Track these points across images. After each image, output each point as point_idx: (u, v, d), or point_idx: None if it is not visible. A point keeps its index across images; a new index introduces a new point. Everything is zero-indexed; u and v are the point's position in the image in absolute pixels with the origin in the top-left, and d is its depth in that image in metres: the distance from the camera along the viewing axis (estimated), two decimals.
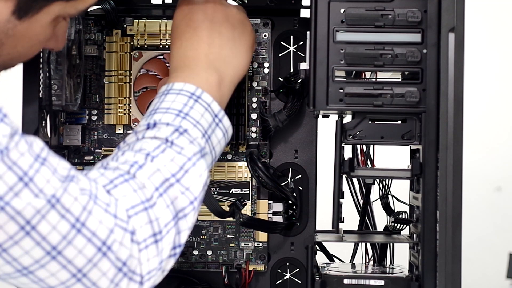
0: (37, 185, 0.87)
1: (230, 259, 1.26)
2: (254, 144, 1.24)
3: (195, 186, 0.99)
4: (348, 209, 1.21)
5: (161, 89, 1.07)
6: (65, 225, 0.89)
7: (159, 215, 0.95)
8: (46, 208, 0.87)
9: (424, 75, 1.11)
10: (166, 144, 1.00)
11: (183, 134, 1.01)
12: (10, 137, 0.86)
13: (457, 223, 1.09)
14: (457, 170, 1.08)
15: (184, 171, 0.99)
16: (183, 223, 0.98)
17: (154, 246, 0.95)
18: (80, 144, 1.26)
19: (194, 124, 1.02)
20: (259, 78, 1.25)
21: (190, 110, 1.03)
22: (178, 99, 1.04)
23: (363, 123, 1.13)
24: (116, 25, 1.26)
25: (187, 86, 1.05)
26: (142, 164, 0.97)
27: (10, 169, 0.86)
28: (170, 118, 1.02)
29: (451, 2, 1.09)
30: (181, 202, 0.98)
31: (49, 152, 0.90)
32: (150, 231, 0.95)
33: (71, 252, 0.89)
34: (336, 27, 1.12)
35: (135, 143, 1.01)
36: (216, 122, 1.05)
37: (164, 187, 0.97)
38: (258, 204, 1.25)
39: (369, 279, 1.16)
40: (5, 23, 0.97)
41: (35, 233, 0.87)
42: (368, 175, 1.20)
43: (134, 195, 0.95)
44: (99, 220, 0.91)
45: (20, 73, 1.16)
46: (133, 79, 1.24)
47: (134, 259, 0.93)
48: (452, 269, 1.08)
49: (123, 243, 0.92)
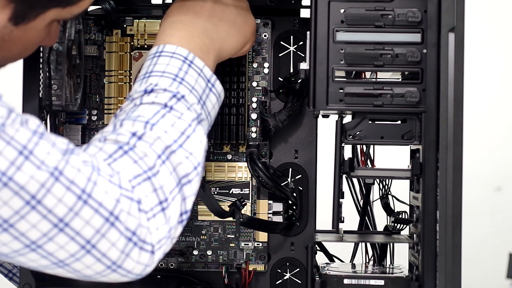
0: (38, 157, 0.87)
1: (230, 259, 1.26)
2: (254, 144, 1.24)
3: (197, 151, 0.99)
4: (348, 209, 1.21)
5: (152, 50, 1.06)
6: (71, 197, 0.88)
7: (163, 183, 0.95)
8: (50, 181, 0.87)
9: (424, 75, 1.11)
10: (165, 109, 1.00)
11: (181, 100, 1.01)
12: (6, 115, 0.86)
13: (457, 223, 1.09)
14: (457, 170, 1.08)
15: (186, 137, 0.99)
16: (188, 189, 0.98)
17: (162, 214, 0.94)
18: (80, 144, 1.26)
19: (190, 89, 1.03)
20: (259, 78, 1.25)
21: (185, 75, 1.03)
22: (172, 62, 1.03)
23: (363, 123, 1.13)
24: (116, 25, 1.26)
25: (179, 49, 1.05)
26: (142, 133, 0.97)
27: (9, 144, 0.86)
28: (167, 82, 1.02)
29: (451, 2, 1.09)
30: (185, 167, 0.97)
31: (45, 129, 0.90)
32: (156, 200, 0.94)
33: (79, 223, 0.89)
34: (336, 27, 1.12)
35: (132, 109, 1.00)
36: (209, 87, 1.06)
37: (167, 154, 0.96)
38: (258, 204, 1.25)
39: (369, 279, 1.16)
40: (1, 29, 0.97)
41: (41, 206, 0.87)
42: (368, 175, 1.20)
43: (135, 165, 0.94)
44: (104, 191, 0.90)
45: (20, 73, 1.16)
46: (133, 79, 1.24)
47: (143, 228, 0.93)
48: (452, 269, 1.08)
49: (130, 212, 0.92)
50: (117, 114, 1.02)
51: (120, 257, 0.92)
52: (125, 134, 0.97)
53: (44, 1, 0.97)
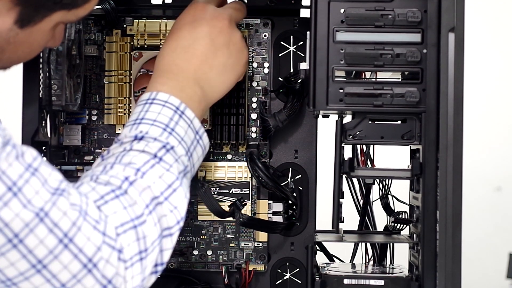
0: (26, 195, 0.87)
1: (230, 259, 1.26)
2: (254, 144, 1.24)
3: (181, 205, 1.00)
4: (348, 209, 1.21)
5: (144, 96, 1.06)
6: (52, 239, 0.88)
7: (147, 233, 0.96)
8: (35, 222, 0.87)
9: (424, 75, 1.11)
10: (155, 159, 1.00)
11: (170, 151, 1.02)
12: (1, 147, 0.86)
13: (457, 223, 1.09)
14: (457, 170, 1.08)
15: (173, 190, 0.99)
16: (168, 242, 0.99)
17: (139, 263, 0.95)
18: (80, 144, 1.26)
19: (179, 141, 1.03)
20: (259, 78, 1.25)
21: (175, 126, 1.04)
22: (163, 111, 1.04)
23: (363, 123, 1.13)
24: (116, 25, 1.26)
25: (172, 98, 1.05)
26: (133, 180, 0.97)
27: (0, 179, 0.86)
28: (157, 132, 1.02)
29: (451, 2, 1.09)
30: (168, 220, 0.98)
31: (41, 162, 0.90)
32: (137, 249, 0.95)
33: (57, 266, 0.89)
34: (336, 27, 1.12)
35: (122, 154, 1.00)
36: (197, 139, 1.06)
37: (153, 205, 0.97)
38: (258, 204, 1.25)
39: (369, 279, 1.16)
40: (7, 31, 0.97)
41: (22, 246, 0.87)
42: (368, 175, 1.20)
43: (124, 212, 0.95)
44: (87, 237, 0.91)
45: (20, 73, 1.16)
46: (133, 79, 1.24)
47: (119, 277, 0.93)
48: (452, 269, 1.08)
49: (109, 261, 0.92)
50: (104, 156, 1.02)
51: None
52: (117, 178, 0.97)
53: (50, 4, 0.97)
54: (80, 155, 1.26)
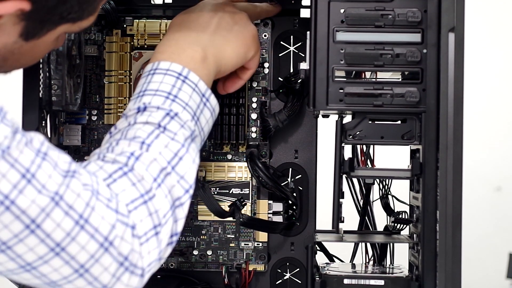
0: (40, 181, 0.87)
1: (230, 259, 1.26)
2: (254, 144, 1.24)
3: (189, 173, 1.00)
4: (348, 209, 1.21)
5: (147, 68, 1.06)
6: (69, 222, 0.89)
7: (158, 207, 0.96)
8: (51, 206, 0.88)
9: (424, 75, 1.11)
10: (159, 129, 1.00)
11: (174, 118, 1.01)
12: (11, 136, 0.87)
13: (457, 223, 1.09)
14: (457, 170, 1.08)
15: (179, 158, 0.99)
16: (180, 212, 0.99)
17: (155, 238, 0.96)
18: (80, 144, 1.26)
19: (183, 106, 1.03)
20: (259, 78, 1.25)
21: (178, 92, 1.03)
22: (165, 79, 1.04)
23: (363, 123, 1.13)
24: (116, 25, 1.26)
25: (173, 65, 1.05)
26: (139, 154, 0.97)
27: (13, 167, 0.86)
28: (160, 101, 1.02)
29: (451, 2, 1.09)
30: (177, 190, 0.98)
31: (49, 146, 0.91)
32: (151, 224, 0.95)
33: (75, 248, 0.90)
34: (336, 27, 1.12)
35: (127, 129, 1.01)
36: (203, 102, 1.06)
37: (162, 177, 0.97)
38: (258, 204, 1.25)
39: (369, 279, 1.16)
40: (12, 44, 0.98)
41: (39, 231, 0.88)
42: (368, 175, 1.20)
43: (133, 189, 0.95)
44: (101, 216, 0.91)
45: (20, 74, 1.16)
46: (133, 79, 1.24)
47: (135, 253, 0.94)
48: (452, 269, 1.08)
49: (124, 238, 0.93)
50: (112, 132, 1.03)
51: (111, 281, 0.93)
52: (123, 154, 0.97)
53: (56, 18, 0.98)
54: (80, 155, 1.26)
